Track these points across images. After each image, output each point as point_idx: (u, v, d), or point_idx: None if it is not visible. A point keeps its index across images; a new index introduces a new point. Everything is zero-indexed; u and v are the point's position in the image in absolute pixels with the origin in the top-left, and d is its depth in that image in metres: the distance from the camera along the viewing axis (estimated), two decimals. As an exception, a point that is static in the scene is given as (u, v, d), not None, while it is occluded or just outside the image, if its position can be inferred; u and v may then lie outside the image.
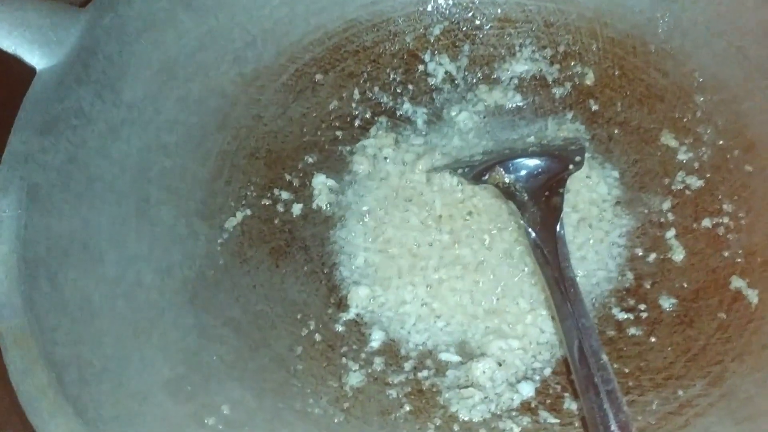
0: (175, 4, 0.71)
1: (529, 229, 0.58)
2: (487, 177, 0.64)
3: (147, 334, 0.56)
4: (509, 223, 0.65)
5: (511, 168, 0.64)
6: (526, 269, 0.63)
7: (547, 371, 0.59)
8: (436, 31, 0.78)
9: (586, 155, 0.68)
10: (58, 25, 0.65)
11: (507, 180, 0.63)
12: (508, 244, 0.65)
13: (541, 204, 0.60)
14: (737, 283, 0.61)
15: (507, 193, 0.62)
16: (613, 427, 0.45)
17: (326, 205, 0.69)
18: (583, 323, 0.51)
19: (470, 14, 0.79)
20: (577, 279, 0.61)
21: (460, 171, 0.66)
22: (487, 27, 0.78)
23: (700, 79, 0.71)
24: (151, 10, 0.69)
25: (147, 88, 0.68)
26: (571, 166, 0.64)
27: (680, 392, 0.56)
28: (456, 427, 0.56)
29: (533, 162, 0.64)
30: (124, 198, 0.63)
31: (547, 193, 0.61)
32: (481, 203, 0.67)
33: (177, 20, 0.71)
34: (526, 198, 0.61)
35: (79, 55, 0.65)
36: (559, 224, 0.58)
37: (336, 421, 0.56)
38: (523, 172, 0.63)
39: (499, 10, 0.78)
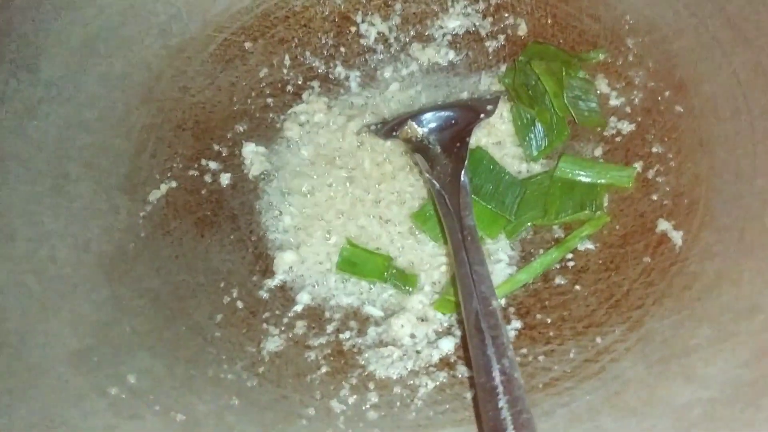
0: (94, -21, 0.70)
1: (433, 180, 0.57)
2: (397, 132, 0.62)
3: (56, 308, 0.56)
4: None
5: (423, 121, 0.62)
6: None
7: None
8: (367, -9, 0.77)
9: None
10: (-32, 7, 0.65)
11: (420, 133, 0.62)
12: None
13: (452, 155, 0.59)
14: (663, 225, 0.59)
15: (419, 146, 0.61)
16: (495, 373, 0.44)
17: (259, 174, 0.68)
18: (476, 270, 0.49)
19: (401, -29, 0.77)
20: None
21: (372, 127, 0.64)
22: (419, -17, 0.77)
23: (631, 21, 0.69)
24: (69, -13, 0.69)
25: (66, 65, 0.68)
26: (482, 115, 0.62)
27: (598, 339, 0.54)
28: (371, 386, 0.55)
29: (445, 114, 0.63)
30: (40, 176, 0.63)
31: (458, 144, 0.60)
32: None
33: (97, -5, 0.70)
34: (439, 150, 0.60)
35: (-9, 36, 0.65)
36: (463, 173, 0.56)
37: (249, 385, 0.55)
38: (434, 125, 0.62)
39: (431, -35, 0.77)
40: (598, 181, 0.62)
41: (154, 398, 0.53)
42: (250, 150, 0.69)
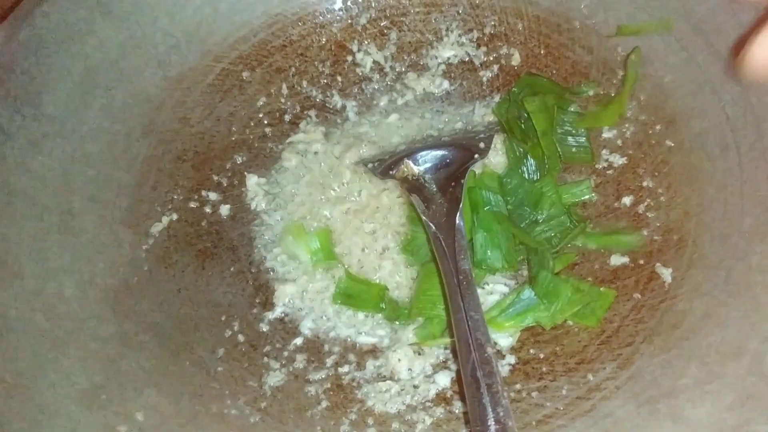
0: (94, 12, 0.71)
1: (429, 222, 0.58)
2: (394, 171, 0.64)
3: (65, 346, 0.57)
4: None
5: (419, 160, 0.64)
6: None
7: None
8: (363, 20, 0.78)
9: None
10: (-28, 44, 0.66)
11: (416, 171, 0.63)
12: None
13: (447, 195, 0.60)
14: (653, 261, 0.60)
15: (415, 186, 0.62)
16: (490, 422, 0.46)
17: (261, 205, 0.70)
18: (472, 316, 0.51)
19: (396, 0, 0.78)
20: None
21: (370, 165, 0.66)
22: (413, 12, 0.78)
23: (623, 54, 0.70)
24: (70, 21, 0.70)
25: (69, 99, 0.69)
26: (476, 155, 0.64)
27: (590, 376, 0.56)
28: (370, 421, 0.57)
29: (440, 153, 0.64)
30: (46, 211, 0.64)
31: (453, 184, 0.61)
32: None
33: (97, 28, 0.71)
34: (435, 190, 0.61)
35: (-5, 72, 0.66)
36: (458, 215, 0.58)
37: (252, 421, 0.57)
38: (430, 164, 0.63)
39: (425, -6, 0.78)
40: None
41: (161, 436, 0.54)
42: (253, 182, 0.71)
